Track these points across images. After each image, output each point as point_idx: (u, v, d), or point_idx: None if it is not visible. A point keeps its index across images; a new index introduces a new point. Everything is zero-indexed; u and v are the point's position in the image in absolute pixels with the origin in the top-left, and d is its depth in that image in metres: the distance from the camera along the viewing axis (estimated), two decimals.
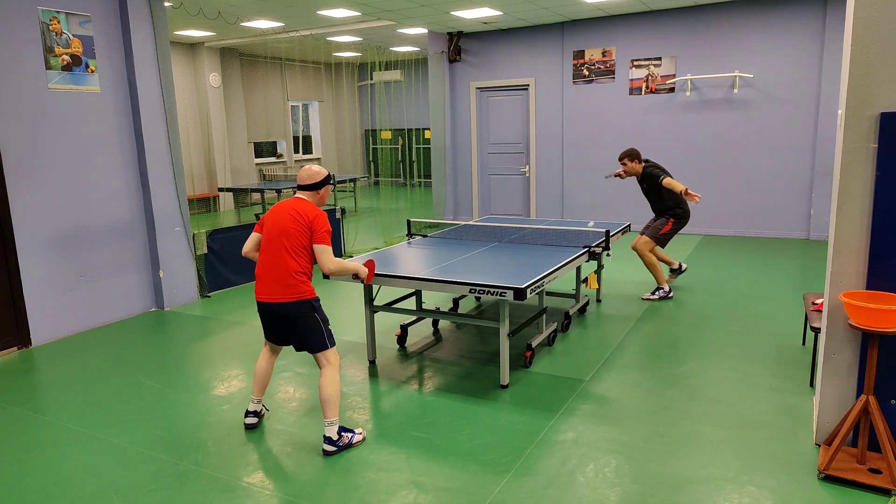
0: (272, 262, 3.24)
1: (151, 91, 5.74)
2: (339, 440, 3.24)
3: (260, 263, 3.31)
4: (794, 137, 8.19)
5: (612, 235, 5.01)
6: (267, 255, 3.27)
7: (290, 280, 3.21)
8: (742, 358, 4.34)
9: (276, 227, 3.26)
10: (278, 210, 3.30)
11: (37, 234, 5.04)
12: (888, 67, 2.70)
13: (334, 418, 3.23)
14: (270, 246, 3.26)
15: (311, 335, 3.27)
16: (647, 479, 2.91)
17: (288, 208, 3.28)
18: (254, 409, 3.55)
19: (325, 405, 3.22)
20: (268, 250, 3.27)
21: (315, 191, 3.37)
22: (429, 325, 5.26)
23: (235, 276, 6.75)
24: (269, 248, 3.26)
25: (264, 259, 3.29)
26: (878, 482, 2.75)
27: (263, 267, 3.28)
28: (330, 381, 3.24)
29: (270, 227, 3.28)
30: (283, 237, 3.22)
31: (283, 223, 3.24)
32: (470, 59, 10.31)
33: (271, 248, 3.25)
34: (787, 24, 8.02)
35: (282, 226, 3.24)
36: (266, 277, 3.26)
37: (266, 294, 3.26)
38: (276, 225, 3.26)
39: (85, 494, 2.92)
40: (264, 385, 3.53)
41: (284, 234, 3.23)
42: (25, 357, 4.83)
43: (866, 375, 2.78)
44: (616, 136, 9.30)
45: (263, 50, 13.12)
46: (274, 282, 3.23)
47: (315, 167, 3.38)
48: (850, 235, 2.87)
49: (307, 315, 3.25)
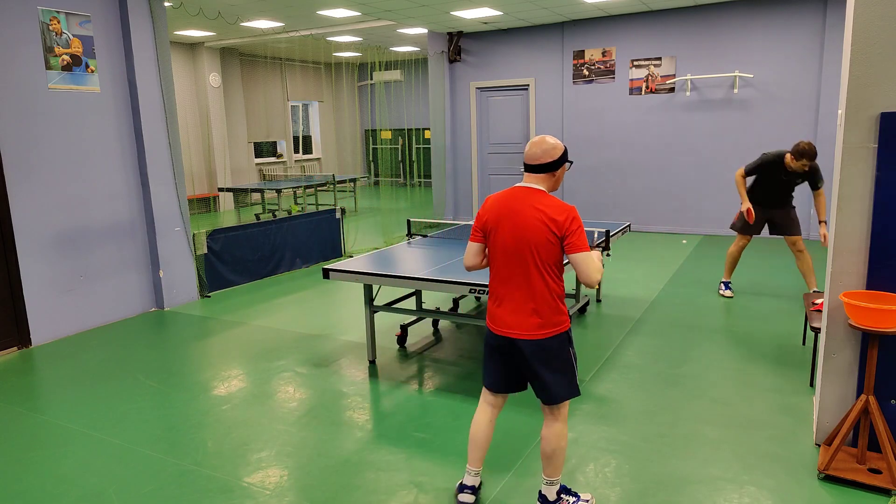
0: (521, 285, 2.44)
1: (151, 91, 5.74)
2: (556, 501, 2.61)
3: (502, 285, 2.49)
4: (794, 137, 8.19)
5: (612, 235, 5.01)
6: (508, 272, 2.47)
7: (548, 309, 2.44)
8: (742, 358, 4.34)
9: (515, 238, 2.42)
10: (509, 212, 2.44)
11: (37, 233, 5.04)
12: (888, 67, 2.70)
13: (558, 477, 2.59)
14: (513, 263, 2.45)
15: (563, 378, 2.49)
16: (647, 479, 2.91)
17: (523, 210, 2.42)
18: (472, 484, 2.69)
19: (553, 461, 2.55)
20: (509, 267, 2.46)
21: (552, 172, 2.48)
22: (429, 325, 5.26)
23: (235, 277, 6.75)
24: (512, 265, 2.45)
25: (507, 279, 2.47)
26: (878, 482, 2.75)
27: (510, 290, 2.47)
28: (561, 432, 2.53)
29: (510, 238, 2.44)
30: (531, 254, 2.41)
31: (526, 234, 2.40)
32: (470, 59, 10.31)
33: (515, 266, 2.44)
34: (787, 24, 8.02)
35: (525, 238, 2.41)
36: (509, 302, 2.48)
37: (510, 326, 2.47)
38: (515, 236, 2.42)
39: (85, 494, 2.92)
40: (485, 450, 2.67)
41: (531, 249, 2.40)
42: (25, 357, 4.83)
43: (866, 375, 2.78)
44: (616, 136, 9.30)
45: (263, 50, 13.12)
46: (523, 310, 2.45)
47: (549, 138, 2.49)
48: (850, 235, 2.87)
49: (564, 352, 2.49)
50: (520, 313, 2.45)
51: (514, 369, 2.57)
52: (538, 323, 2.44)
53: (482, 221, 2.53)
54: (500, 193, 2.52)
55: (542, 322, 2.44)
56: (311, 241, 7.61)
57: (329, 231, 7.86)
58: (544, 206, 2.40)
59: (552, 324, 2.45)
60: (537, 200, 2.42)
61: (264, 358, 4.62)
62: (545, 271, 2.42)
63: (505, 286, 2.48)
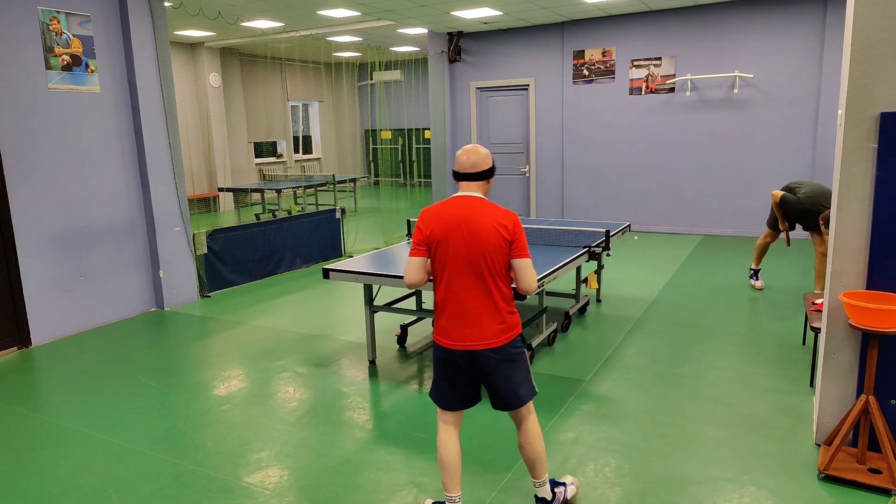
0: (476, 295, 2.40)
1: (151, 91, 5.74)
2: (553, 499, 2.62)
3: (455, 297, 2.42)
4: (794, 137, 8.19)
5: (612, 235, 5.01)
6: (461, 283, 2.41)
7: (503, 315, 2.43)
8: (742, 358, 4.34)
9: (473, 245, 2.37)
10: (460, 222, 2.39)
11: (37, 233, 5.04)
12: (888, 67, 2.70)
13: (546, 476, 2.61)
14: (469, 272, 2.39)
15: (522, 380, 2.49)
16: (647, 479, 2.91)
17: (479, 215, 2.39)
18: None
19: (538, 464, 2.55)
20: (465, 278, 2.40)
21: (487, 180, 2.51)
22: (429, 325, 5.26)
23: (235, 276, 6.75)
24: (467, 275, 2.40)
25: (461, 290, 2.41)
26: (878, 482, 2.75)
27: (463, 302, 2.41)
28: (538, 432, 2.54)
29: (461, 246, 2.38)
30: (486, 259, 2.38)
31: (483, 238, 2.37)
32: (470, 59, 10.31)
33: (470, 276, 2.40)
34: (787, 24, 8.02)
35: (478, 248, 2.37)
36: (471, 317, 2.40)
37: (468, 339, 2.41)
38: (473, 241, 2.37)
39: (85, 494, 2.92)
40: (460, 471, 2.54)
41: (487, 254, 2.37)
42: (25, 357, 4.83)
43: (866, 375, 2.78)
44: (616, 136, 9.30)
45: (263, 50, 13.12)
46: (479, 321, 2.40)
47: (481, 148, 2.49)
48: (850, 235, 2.87)
49: (519, 355, 2.48)
50: (478, 323, 2.40)
51: (471, 383, 2.50)
52: (500, 329, 2.42)
53: (426, 235, 2.44)
54: (439, 205, 2.47)
55: (503, 327, 2.43)
56: (311, 241, 7.61)
57: (329, 231, 7.86)
58: (492, 212, 2.40)
59: (511, 326, 2.45)
60: (485, 208, 2.41)
61: (264, 358, 4.63)
62: (499, 277, 2.41)
63: (459, 297, 2.41)
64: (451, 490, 2.51)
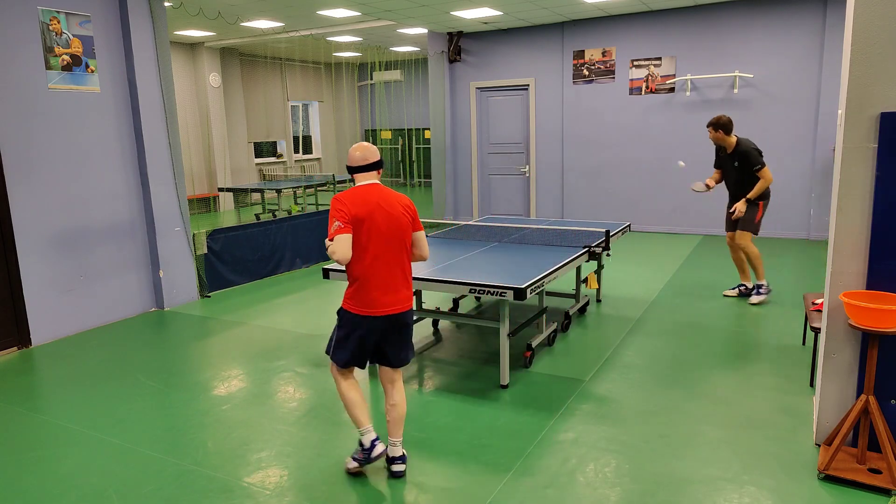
0: (393, 268, 2.81)
1: (151, 91, 5.74)
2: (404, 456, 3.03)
3: (374, 271, 2.78)
4: (794, 137, 8.19)
5: (612, 235, 5.01)
6: (384, 258, 2.79)
7: (409, 284, 2.90)
8: (742, 358, 4.34)
9: (390, 224, 2.79)
10: (378, 206, 2.78)
11: (37, 233, 5.04)
12: (888, 67, 2.70)
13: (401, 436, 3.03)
14: (390, 247, 2.80)
15: (411, 343, 2.98)
16: (647, 479, 2.91)
17: (390, 199, 2.82)
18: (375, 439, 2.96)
19: (401, 423, 2.97)
20: (384, 253, 2.79)
21: (378, 170, 2.92)
22: (429, 325, 5.26)
23: (235, 277, 6.75)
24: (388, 249, 2.80)
25: (381, 265, 2.79)
26: (878, 482, 2.75)
27: (386, 273, 2.80)
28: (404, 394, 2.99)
29: (382, 226, 2.78)
30: (400, 236, 2.82)
31: (395, 225, 2.80)
32: (470, 59, 10.31)
33: (391, 250, 2.80)
34: (787, 24, 8.02)
35: (397, 223, 2.81)
36: (393, 285, 2.81)
37: (388, 305, 2.81)
38: (390, 221, 2.79)
39: (85, 494, 2.92)
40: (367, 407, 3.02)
41: (400, 231, 2.82)
42: (25, 357, 4.83)
43: (866, 375, 2.78)
44: (616, 136, 9.30)
45: (263, 50, 13.12)
46: (397, 290, 2.83)
47: (365, 143, 2.91)
48: (850, 235, 2.87)
49: (412, 321, 2.96)
50: (395, 291, 2.83)
51: (376, 345, 2.90)
52: (410, 295, 2.90)
53: (351, 215, 2.74)
54: (355, 190, 2.82)
55: (410, 293, 2.90)
56: (311, 241, 7.60)
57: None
58: (397, 196, 2.86)
59: (412, 296, 2.92)
60: (391, 193, 2.86)
61: (264, 358, 4.62)
62: (406, 251, 2.88)
63: (382, 270, 2.79)
64: (364, 423, 2.95)
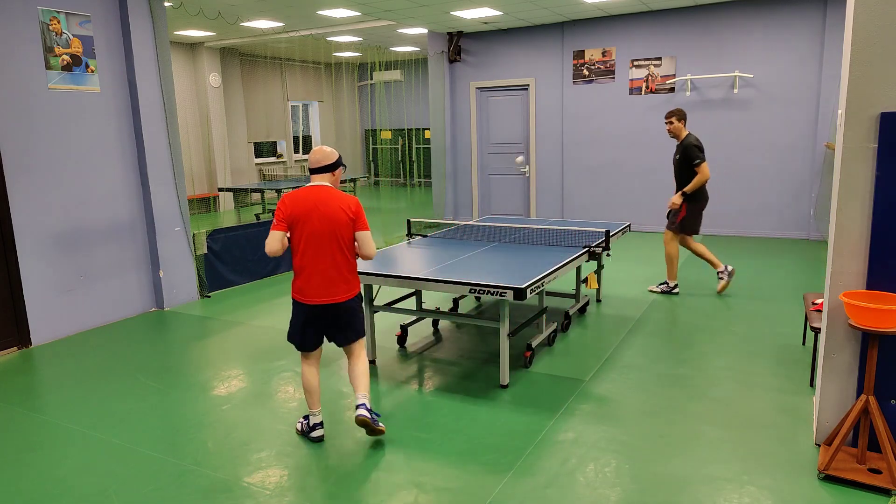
0: (328, 263, 3.11)
1: (151, 91, 5.74)
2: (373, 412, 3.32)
3: (310, 265, 3.11)
4: (794, 137, 8.19)
5: (612, 235, 5.01)
6: (317, 252, 3.10)
7: (348, 278, 3.19)
8: (742, 358, 4.34)
9: (325, 223, 3.07)
10: (313, 206, 3.07)
11: (37, 233, 5.04)
12: (888, 67, 2.70)
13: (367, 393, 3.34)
14: (322, 245, 3.09)
15: (359, 325, 3.33)
16: (647, 479, 2.91)
17: (329, 200, 3.08)
18: (321, 421, 3.38)
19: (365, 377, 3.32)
20: (316, 248, 3.10)
21: (332, 172, 3.19)
22: (429, 325, 5.26)
23: (235, 277, 6.75)
24: (321, 246, 3.10)
25: (315, 259, 3.10)
26: (878, 482, 2.75)
27: (316, 268, 3.11)
28: (365, 359, 3.37)
29: (317, 225, 3.07)
30: (337, 234, 3.10)
31: (329, 224, 3.07)
32: (470, 59, 10.31)
33: (323, 247, 3.10)
34: (787, 24, 8.02)
35: (328, 226, 3.07)
36: (323, 279, 3.12)
37: (321, 295, 3.14)
38: (321, 225, 3.07)
39: (85, 494, 2.92)
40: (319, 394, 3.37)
41: (333, 234, 3.09)
42: (25, 357, 4.83)
43: (866, 375, 2.78)
44: (616, 135, 9.30)
45: (263, 50, 13.12)
46: (330, 281, 3.13)
47: (326, 147, 3.20)
48: (850, 235, 2.87)
49: (358, 308, 3.30)
50: (329, 284, 3.14)
51: (321, 329, 3.26)
52: (345, 289, 3.19)
53: (287, 214, 3.10)
54: (298, 192, 3.15)
55: (347, 287, 3.19)
56: None
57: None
58: (339, 197, 3.12)
59: (352, 287, 3.22)
60: (333, 194, 3.12)
61: (264, 358, 4.62)
62: (346, 249, 3.15)
63: (315, 264, 3.11)
64: (314, 406, 3.34)
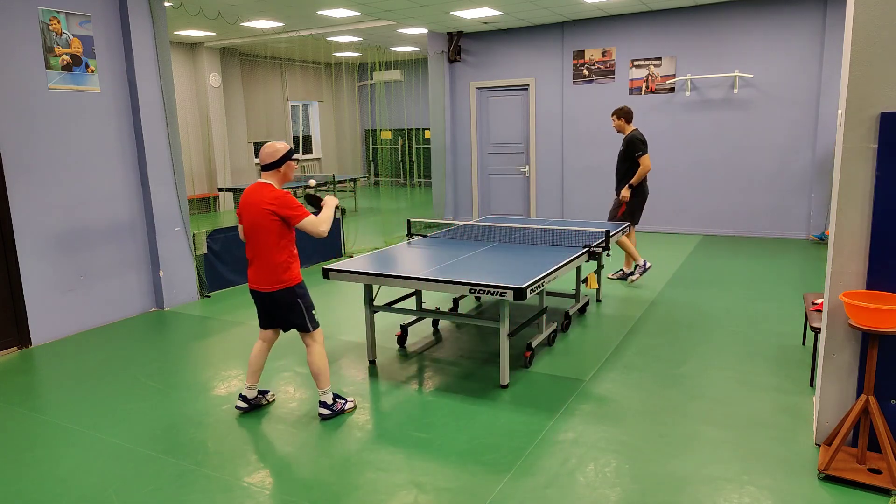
0: (257, 253, 3.40)
1: (151, 91, 5.74)
2: (333, 405, 3.58)
3: (250, 254, 3.44)
4: (794, 137, 8.19)
5: (611, 235, 5.01)
6: (251, 245, 3.41)
7: (274, 271, 3.39)
8: (742, 358, 4.34)
9: (250, 222, 3.37)
10: (247, 203, 3.37)
11: (37, 233, 5.03)
12: (888, 67, 2.70)
13: (327, 387, 3.57)
14: (252, 239, 3.39)
15: (297, 319, 3.50)
16: (647, 479, 2.91)
17: (254, 200, 3.33)
18: (247, 395, 3.68)
19: (318, 378, 3.53)
20: (251, 241, 3.40)
21: (277, 169, 3.38)
22: (429, 325, 5.26)
23: (235, 277, 6.75)
24: (252, 240, 3.40)
25: (250, 248, 3.43)
26: (878, 482, 2.75)
27: (254, 258, 3.43)
28: (317, 355, 3.52)
29: (247, 222, 3.39)
30: (260, 233, 3.34)
31: (255, 219, 3.33)
32: (470, 59, 10.31)
33: (253, 241, 3.39)
34: (787, 24, 8.02)
35: (254, 222, 3.34)
36: (253, 266, 3.44)
37: (255, 282, 3.47)
38: (250, 220, 3.36)
39: (85, 494, 2.92)
40: (259, 372, 3.67)
41: (259, 229, 3.34)
42: (25, 357, 4.83)
43: (866, 375, 2.78)
44: (616, 136, 9.29)
45: (263, 50, 13.12)
46: (260, 272, 3.41)
47: (277, 143, 3.38)
48: (850, 235, 2.87)
49: (292, 302, 3.46)
50: (258, 273, 3.42)
51: (265, 313, 3.55)
52: (273, 280, 3.39)
53: (238, 210, 3.46)
54: (246, 189, 3.44)
55: (274, 279, 3.39)
56: (310, 240, 7.60)
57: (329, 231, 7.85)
58: (266, 197, 3.30)
59: (279, 281, 3.39)
60: (263, 193, 3.31)
61: None
62: (273, 244, 3.34)
63: (253, 255, 3.41)
64: (250, 380, 3.65)
